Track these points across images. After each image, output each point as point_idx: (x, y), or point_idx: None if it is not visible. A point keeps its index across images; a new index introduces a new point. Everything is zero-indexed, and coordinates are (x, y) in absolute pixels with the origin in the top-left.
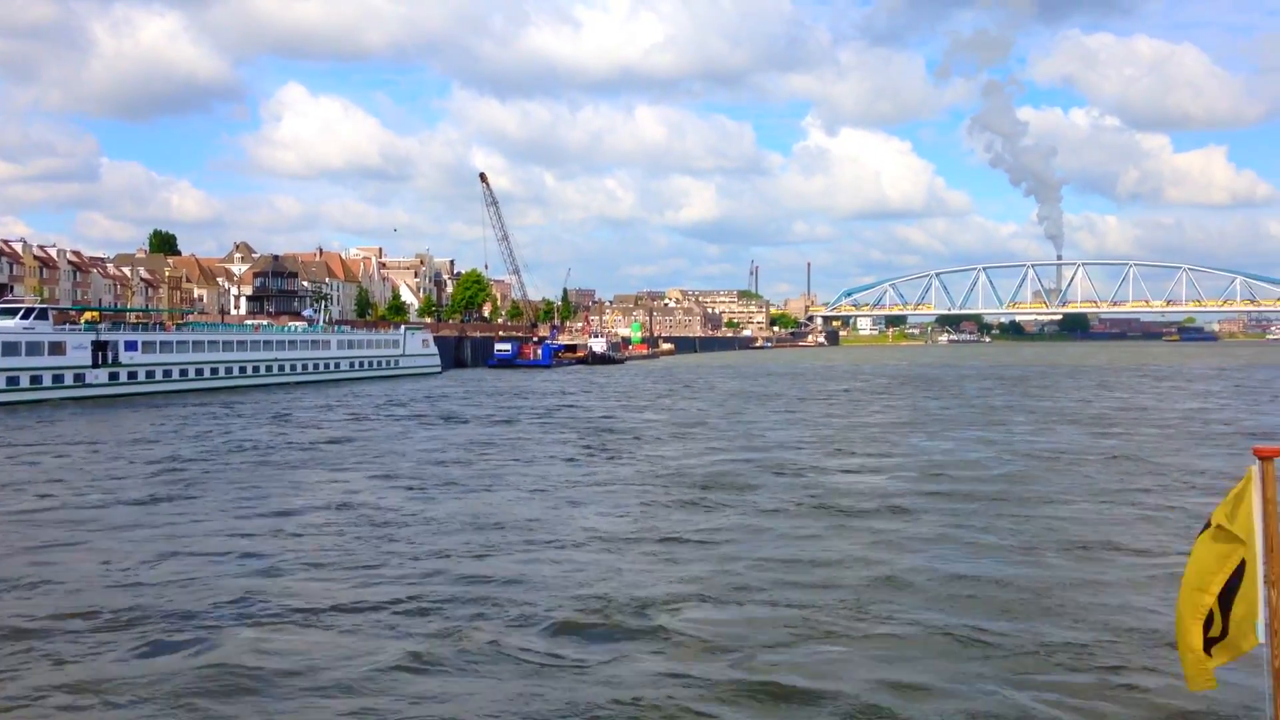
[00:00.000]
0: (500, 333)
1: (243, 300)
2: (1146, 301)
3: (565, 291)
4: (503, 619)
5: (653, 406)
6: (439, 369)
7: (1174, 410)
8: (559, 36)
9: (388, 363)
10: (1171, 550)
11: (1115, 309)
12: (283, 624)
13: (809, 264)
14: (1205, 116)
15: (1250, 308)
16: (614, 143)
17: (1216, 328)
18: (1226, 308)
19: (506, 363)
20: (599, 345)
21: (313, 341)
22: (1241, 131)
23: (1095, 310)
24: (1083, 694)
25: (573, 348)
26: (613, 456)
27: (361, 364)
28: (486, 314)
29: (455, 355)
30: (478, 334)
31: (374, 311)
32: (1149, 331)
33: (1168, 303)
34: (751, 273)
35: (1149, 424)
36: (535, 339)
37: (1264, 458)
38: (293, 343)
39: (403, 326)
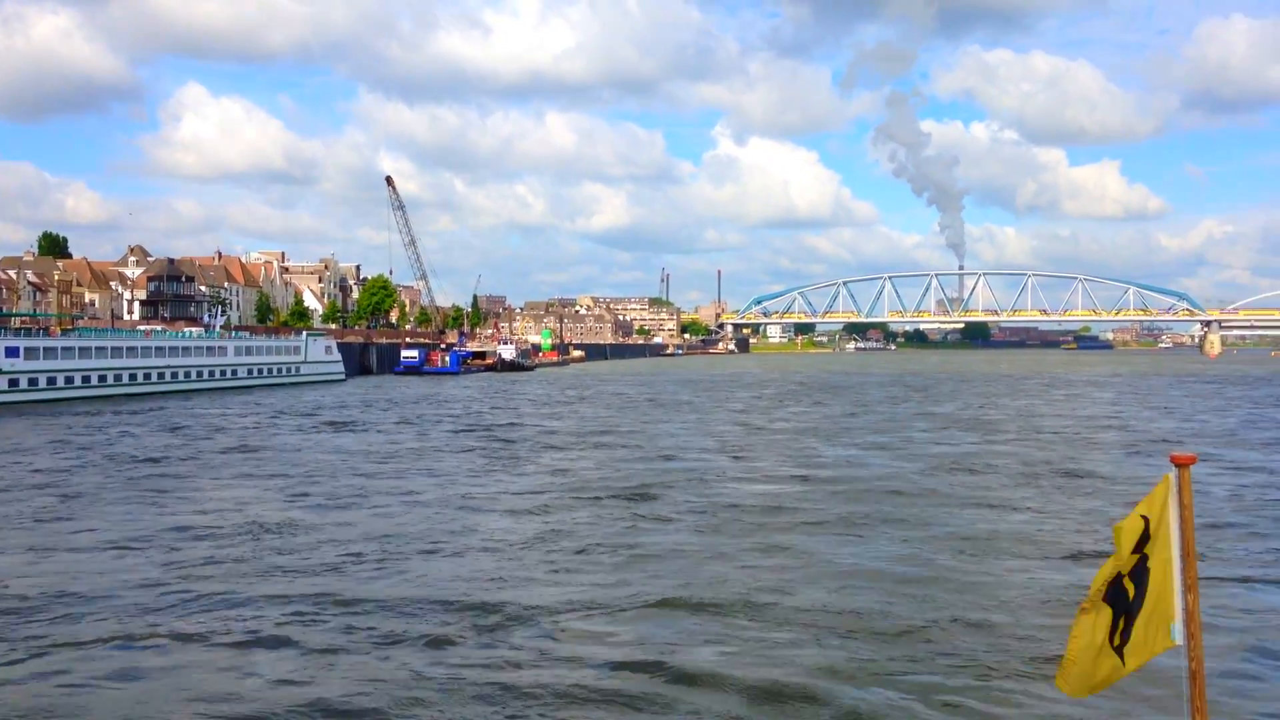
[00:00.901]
0: (407, 339)
1: (136, 305)
2: (1044, 311)
3: (475, 298)
4: (386, 630)
5: (560, 414)
6: (343, 376)
7: (1073, 416)
8: (468, 41)
9: (288, 370)
10: (1062, 553)
11: (1015, 318)
12: (159, 638)
13: (719, 272)
14: (1099, 131)
15: (1142, 317)
16: (524, 149)
17: (1111, 336)
18: (1120, 317)
19: (413, 370)
20: (508, 352)
21: (208, 348)
22: (1134, 146)
23: (995, 319)
24: (982, 700)
25: (482, 355)
26: (516, 465)
27: (260, 371)
28: (394, 320)
29: (360, 362)
30: (384, 341)
31: (276, 317)
32: (1047, 340)
33: (1064, 312)
34: (663, 280)
35: (1047, 430)
36: (443, 346)
37: (1180, 465)
38: (187, 349)
39: (304, 333)
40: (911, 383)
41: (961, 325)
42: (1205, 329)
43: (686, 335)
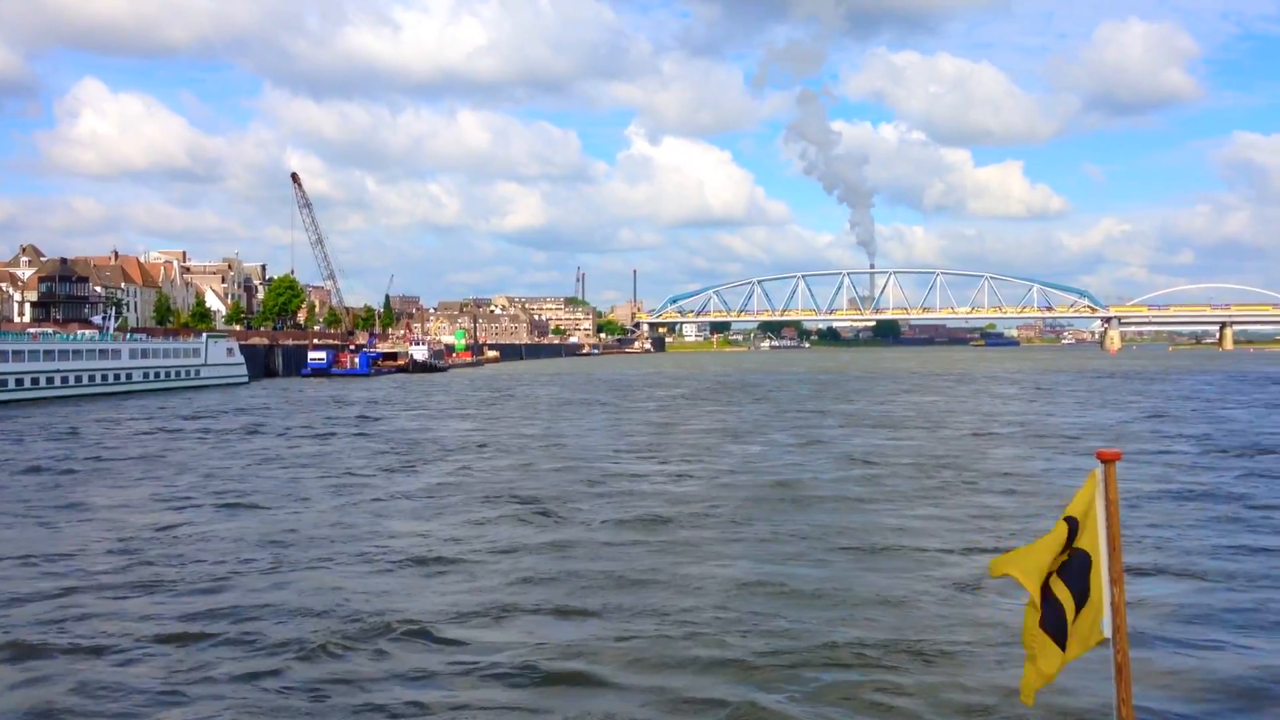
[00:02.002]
0: (315, 341)
1: (27, 307)
2: (952, 309)
3: (388, 298)
4: (275, 639)
5: (471, 416)
6: (245, 379)
7: (980, 412)
8: (378, 37)
9: (187, 373)
10: (963, 547)
11: (924, 316)
12: (35, 652)
13: (635, 271)
14: (1003, 132)
15: (1046, 314)
16: (437, 147)
17: (1015, 333)
18: (1025, 314)
19: (321, 372)
20: (420, 353)
21: (101, 351)
22: (1036, 147)
23: (906, 317)
24: (882, 695)
25: (393, 356)
26: (421, 468)
27: (157, 374)
28: (301, 321)
29: (265, 364)
30: (290, 342)
31: (176, 319)
32: (955, 337)
33: (972, 310)
34: (578, 280)
35: (955, 426)
36: (352, 347)
37: (1106, 460)
38: (78, 352)
39: (205, 334)
40: (825, 380)
41: (873, 323)
42: (1105, 325)
43: (603, 335)
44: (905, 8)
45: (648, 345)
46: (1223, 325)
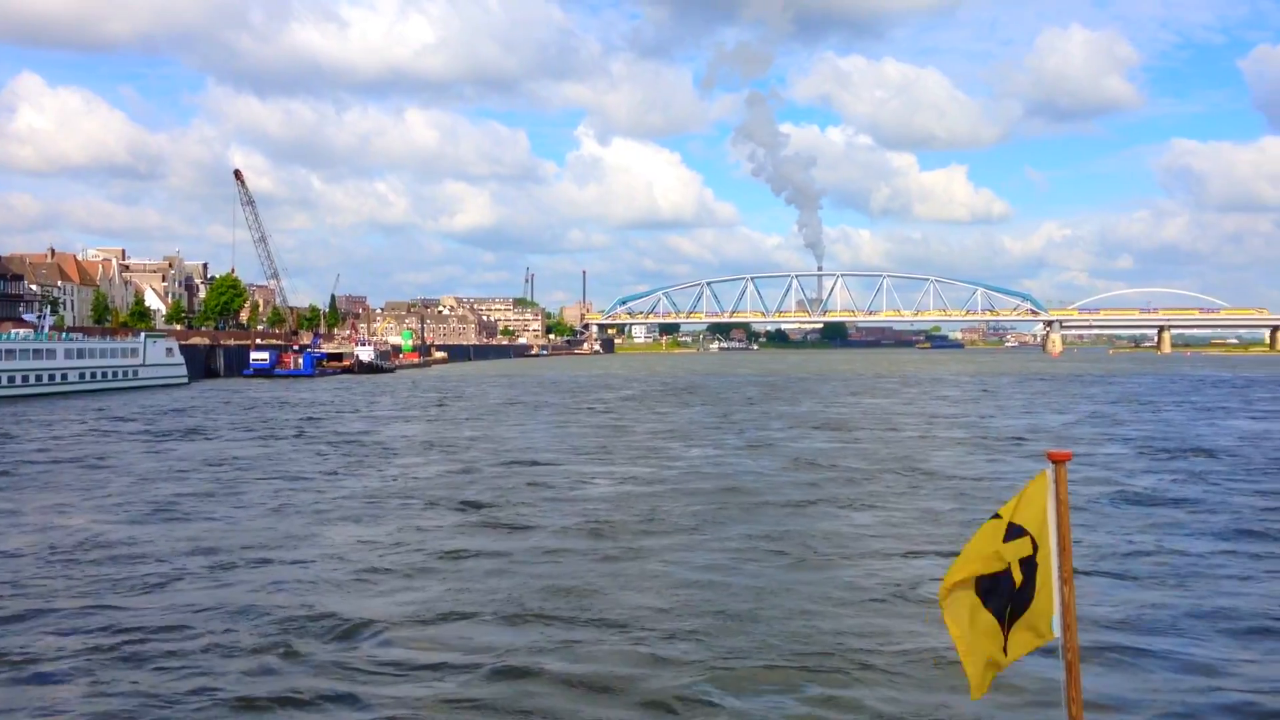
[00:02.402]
0: (258, 341)
1: None
2: (898, 311)
3: (333, 298)
4: (208, 645)
5: (417, 418)
6: (185, 380)
7: (925, 414)
8: (324, 34)
9: (125, 373)
10: (905, 549)
11: (871, 318)
12: None
13: (584, 272)
14: (948, 137)
15: (989, 317)
16: (384, 145)
17: (960, 336)
18: (969, 317)
19: (264, 372)
20: (366, 354)
21: (35, 350)
22: (979, 152)
23: (853, 319)
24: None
25: (338, 356)
26: (365, 471)
27: (94, 375)
28: (244, 321)
29: (206, 365)
30: (232, 342)
31: (114, 318)
32: (901, 340)
33: (917, 312)
34: (527, 280)
35: (901, 427)
36: (296, 347)
37: (1056, 461)
38: (11, 351)
39: (144, 334)
40: (772, 382)
41: (821, 325)
42: (1048, 328)
43: (552, 336)
44: (852, 13)
45: (597, 346)
46: (1161, 329)
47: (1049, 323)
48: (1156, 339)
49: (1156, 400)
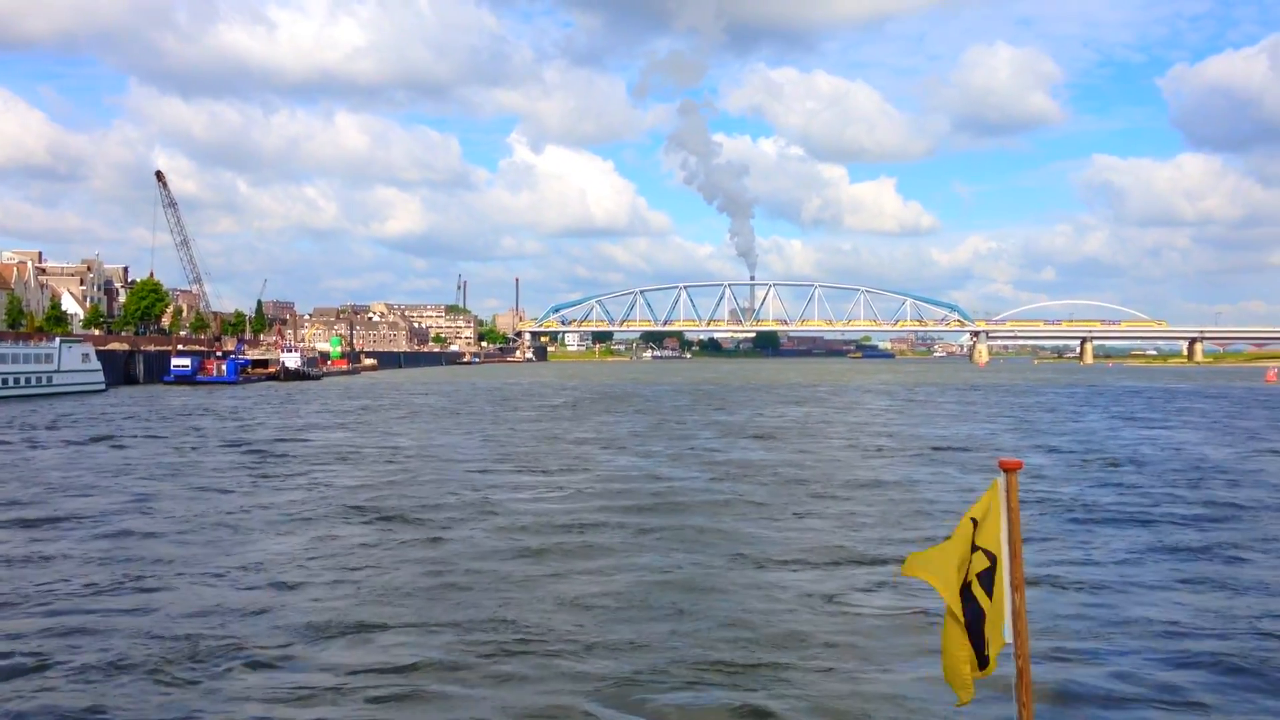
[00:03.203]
0: (179, 346)
1: None
2: (829, 321)
3: (260, 304)
4: (114, 661)
5: (343, 426)
6: (103, 386)
7: (856, 424)
8: (251, 36)
9: (39, 379)
10: (833, 559)
11: (803, 328)
12: None
13: (518, 280)
14: (878, 150)
15: (918, 327)
16: (313, 150)
17: (889, 345)
18: (898, 327)
19: (185, 379)
20: (293, 360)
21: None
22: (909, 165)
23: (785, 329)
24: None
25: (264, 363)
26: (287, 481)
27: (5, 381)
28: (166, 326)
29: (125, 371)
30: (153, 348)
31: (29, 322)
32: (832, 349)
33: (848, 322)
34: (460, 287)
35: (832, 436)
36: (220, 353)
37: (1008, 470)
38: None
39: (59, 339)
40: (705, 391)
41: (753, 334)
42: (974, 339)
43: (484, 343)
44: (783, 25)
45: (529, 354)
46: (1083, 340)
47: (975, 333)
48: (1079, 350)
49: (1079, 410)
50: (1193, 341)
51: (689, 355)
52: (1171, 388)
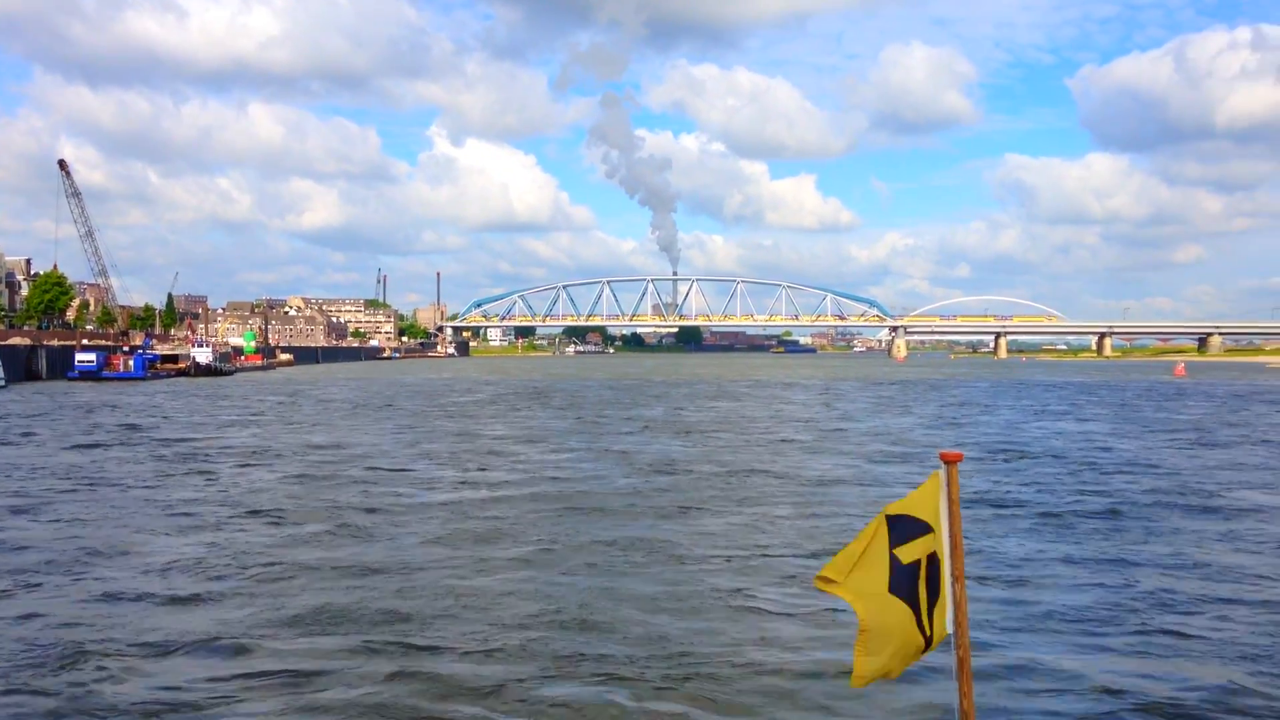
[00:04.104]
0: (84, 341)
1: None
2: (752, 316)
3: (171, 297)
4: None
5: (255, 423)
6: (3, 382)
7: (779, 418)
8: (161, 24)
9: None
10: (751, 554)
11: (725, 322)
12: None
13: (439, 274)
14: (798, 147)
15: (839, 323)
16: (226, 140)
17: (811, 340)
18: (819, 322)
19: (90, 375)
20: (204, 355)
21: None
22: (828, 162)
23: (708, 324)
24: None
25: (174, 358)
26: (191, 481)
27: None
28: (71, 320)
29: (26, 367)
30: (56, 343)
31: None
32: (755, 344)
33: (770, 317)
34: (379, 281)
35: (754, 431)
36: (127, 348)
37: (949, 462)
38: None
39: None
40: (628, 385)
41: (676, 329)
42: (893, 334)
43: (405, 338)
44: (704, 21)
45: (451, 349)
46: (998, 335)
47: (894, 328)
48: (994, 345)
49: (996, 404)
50: (1102, 336)
51: (612, 350)
52: (1089, 382)
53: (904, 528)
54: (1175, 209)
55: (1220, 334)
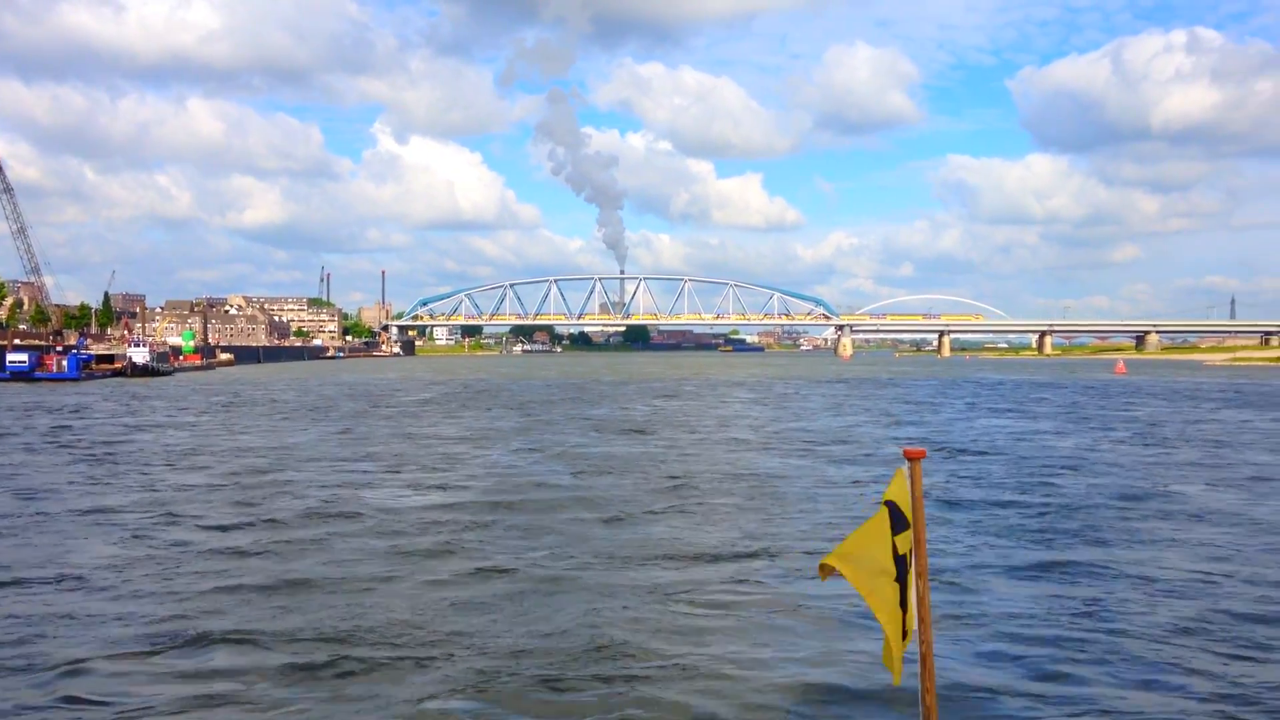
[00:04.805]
0: (16, 341)
1: None
2: (699, 315)
3: (107, 296)
4: None
5: (191, 425)
6: None
7: (726, 417)
8: (97, 17)
9: None
10: (698, 554)
11: (673, 321)
12: None
13: (384, 272)
14: (744, 146)
15: (785, 321)
16: (164, 136)
17: (758, 339)
18: (766, 321)
19: (22, 375)
20: (140, 355)
21: None
22: (773, 161)
23: (655, 322)
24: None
25: (109, 358)
26: (122, 485)
27: None
28: (2, 320)
29: None
30: None
31: None
32: (702, 343)
33: (717, 316)
34: (323, 280)
35: (701, 430)
36: (60, 348)
37: (911, 459)
38: None
39: None
40: (575, 384)
41: (624, 328)
42: (839, 333)
43: (349, 337)
44: (650, 20)
45: (396, 349)
46: (941, 334)
47: (840, 327)
48: (937, 343)
49: (941, 402)
50: (1042, 335)
51: (559, 349)
52: (1033, 379)
53: (900, 518)
54: (1113, 209)
55: (1158, 332)
